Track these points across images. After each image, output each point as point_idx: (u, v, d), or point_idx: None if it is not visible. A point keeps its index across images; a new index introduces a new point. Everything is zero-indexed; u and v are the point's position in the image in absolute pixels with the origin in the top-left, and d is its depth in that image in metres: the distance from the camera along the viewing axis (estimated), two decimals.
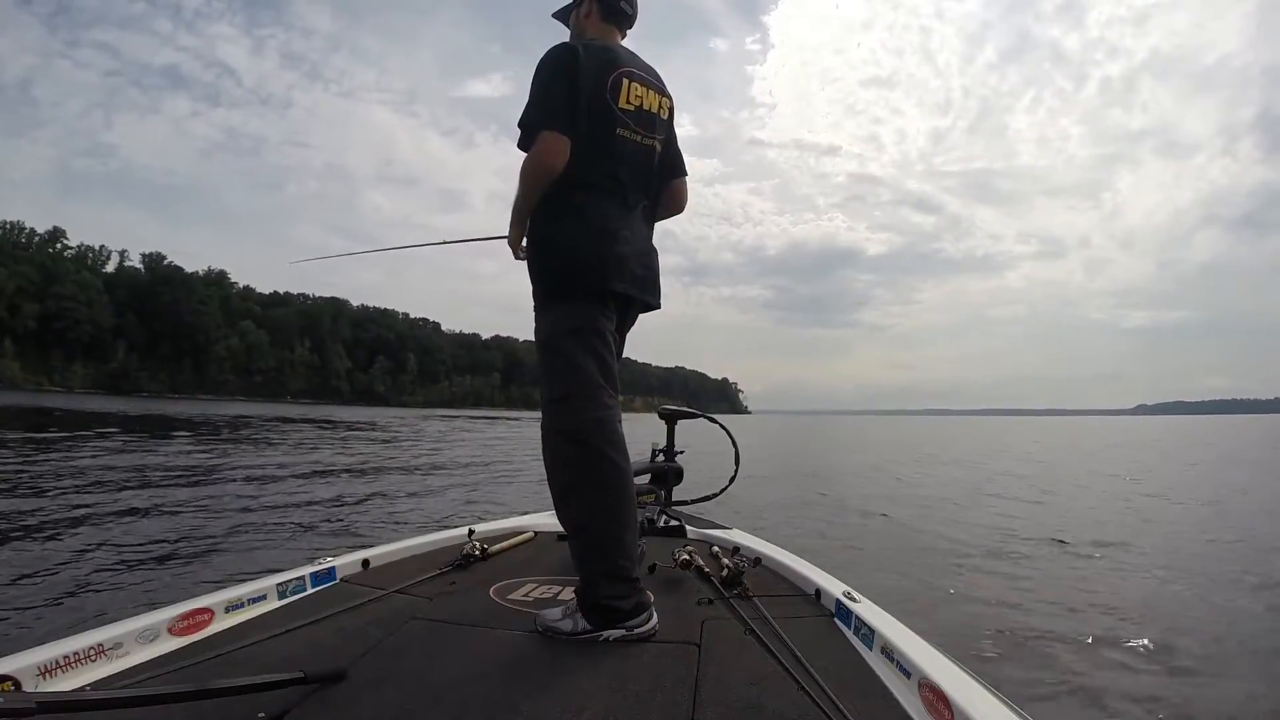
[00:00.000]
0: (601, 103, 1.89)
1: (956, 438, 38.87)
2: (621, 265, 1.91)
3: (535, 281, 1.96)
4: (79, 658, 1.52)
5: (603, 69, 1.90)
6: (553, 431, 1.87)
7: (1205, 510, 9.26)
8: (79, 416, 26.23)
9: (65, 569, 4.60)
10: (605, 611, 1.77)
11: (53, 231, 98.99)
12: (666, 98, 2.08)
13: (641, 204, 2.02)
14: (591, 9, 2.10)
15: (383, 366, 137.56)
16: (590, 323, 1.88)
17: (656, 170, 2.07)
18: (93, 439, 15.67)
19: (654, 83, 2.03)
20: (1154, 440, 35.29)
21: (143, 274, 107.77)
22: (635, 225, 2.00)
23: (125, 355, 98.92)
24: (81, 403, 44.50)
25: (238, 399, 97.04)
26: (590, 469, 1.83)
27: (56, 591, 4.13)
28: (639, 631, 1.78)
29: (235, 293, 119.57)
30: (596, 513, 1.82)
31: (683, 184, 2.22)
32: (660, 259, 2.12)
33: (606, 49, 1.97)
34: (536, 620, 1.85)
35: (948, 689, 1.34)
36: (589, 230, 1.90)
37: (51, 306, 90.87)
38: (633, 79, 1.95)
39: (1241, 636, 3.96)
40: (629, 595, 1.79)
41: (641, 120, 1.97)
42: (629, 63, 1.97)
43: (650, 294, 2.06)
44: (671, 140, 2.15)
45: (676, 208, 2.25)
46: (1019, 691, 3.09)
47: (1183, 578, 5.30)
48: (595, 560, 1.81)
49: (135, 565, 4.86)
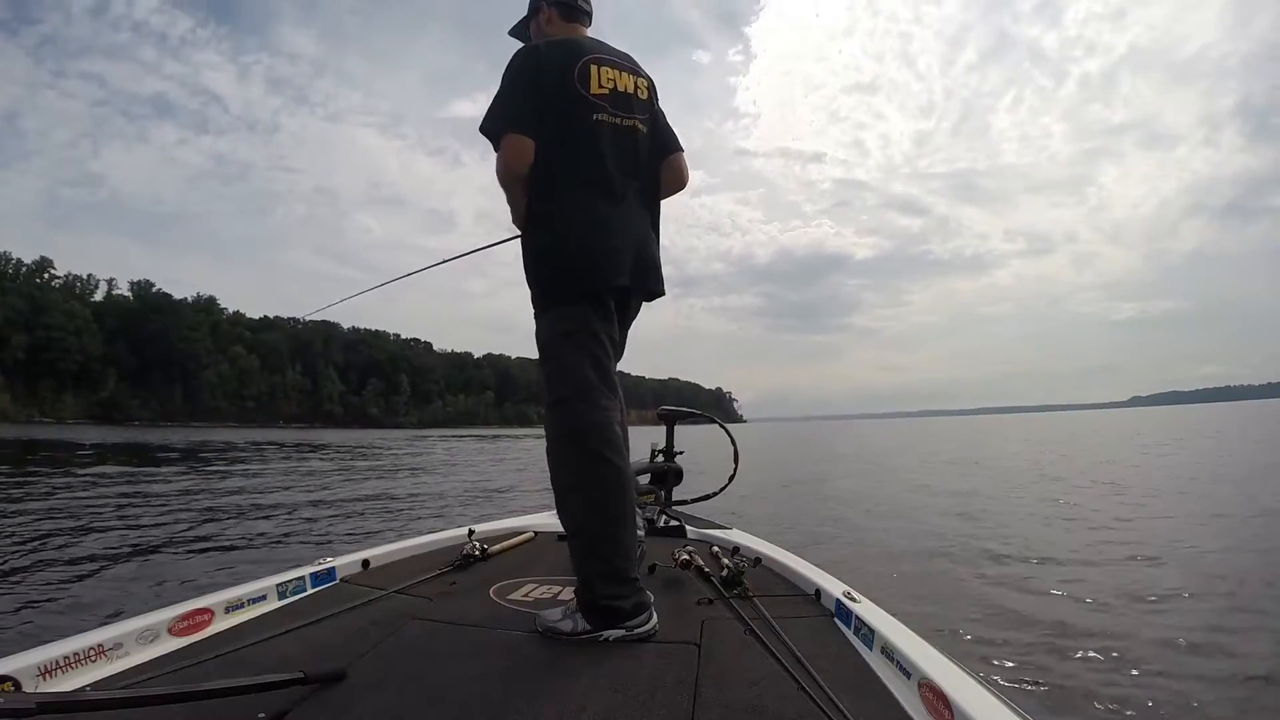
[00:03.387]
0: (572, 92, 1.90)
1: (952, 438, 38.86)
2: (613, 258, 1.92)
3: (530, 287, 1.97)
4: (79, 658, 1.52)
5: (567, 59, 1.92)
6: (553, 434, 1.88)
7: (1212, 504, 9.19)
8: (73, 448, 26.04)
9: (65, 570, 4.59)
10: (605, 612, 1.77)
11: (40, 261, 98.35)
12: (642, 78, 2.08)
13: (632, 188, 2.01)
14: (551, 14, 2.13)
15: (375, 388, 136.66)
16: (583, 325, 1.89)
17: (644, 151, 2.06)
18: (89, 465, 15.56)
19: (625, 64, 2.03)
20: (1146, 432, 35.36)
21: (131, 302, 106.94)
22: (627, 213, 1.99)
23: (116, 384, 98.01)
24: (75, 434, 44.15)
25: (230, 425, 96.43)
26: (588, 470, 1.84)
27: (56, 592, 4.12)
28: (639, 631, 1.78)
29: (225, 318, 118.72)
30: (594, 513, 1.83)
31: (680, 159, 2.21)
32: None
33: (568, 41, 2.00)
34: (536, 621, 1.85)
35: (948, 689, 1.34)
36: (574, 230, 1.90)
37: (40, 337, 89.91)
38: (601, 64, 1.96)
39: (1246, 637, 3.93)
40: (628, 595, 1.79)
41: (618, 102, 1.97)
42: (595, 49, 1.99)
43: (650, 281, 2.05)
44: (658, 117, 2.14)
45: (678, 183, 2.23)
46: (1019, 691, 3.12)
47: (1184, 577, 5.28)
48: (593, 560, 1.81)
49: (135, 566, 4.84)
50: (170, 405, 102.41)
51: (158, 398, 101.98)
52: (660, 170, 2.14)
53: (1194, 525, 7.45)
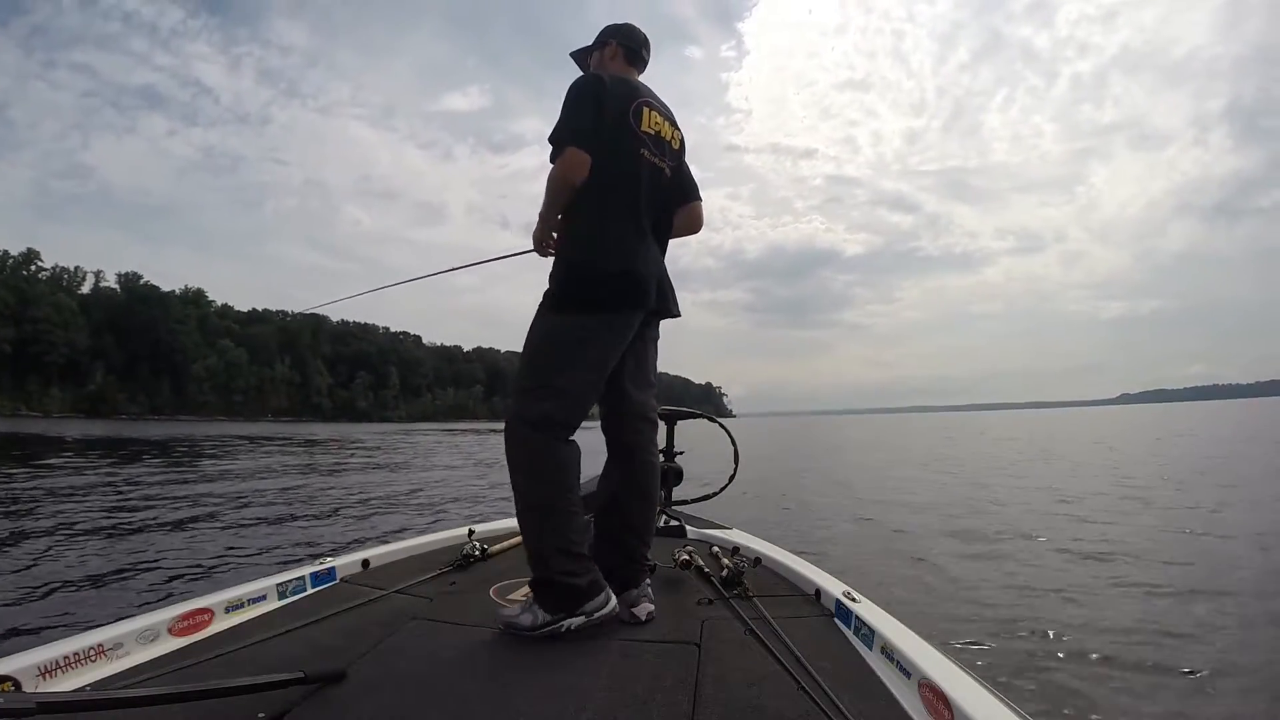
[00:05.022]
0: (626, 126, 2.05)
1: (945, 435, 39.06)
2: (643, 284, 2.04)
3: (555, 287, 2.03)
4: (79, 658, 1.52)
5: (627, 97, 2.08)
6: (517, 416, 1.94)
7: (1213, 504, 9.23)
8: (62, 444, 25.83)
9: (65, 571, 4.56)
10: (562, 591, 1.81)
11: (26, 253, 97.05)
12: (678, 130, 2.25)
13: (650, 222, 2.14)
14: (617, 53, 2.28)
15: (364, 382, 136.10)
16: (596, 339, 1.98)
17: (666, 192, 2.21)
18: (82, 458, 15.45)
19: (669, 115, 2.22)
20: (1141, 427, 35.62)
21: (119, 294, 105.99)
22: (649, 245, 2.13)
23: (103, 377, 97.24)
24: (61, 428, 43.81)
25: (218, 419, 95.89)
26: (547, 450, 1.91)
27: (56, 592, 4.09)
28: (599, 615, 1.83)
29: (213, 311, 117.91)
30: (549, 487, 1.89)
31: (698, 206, 2.39)
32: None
33: (628, 81, 2.17)
34: (496, 618, 1.87)
35: (948, 689, 1.35)
36: (614, 250, 2.02)
37: (27, 330, 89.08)
38: (652, 108, 2.13)
39: (1246, 635, 3.97)
40: (583, 573, 1.84)
41: (658, 145, 2.14)
42: (648, 95, 2.17)
43: (671, 304, 2.21)
44: (683, 167, 2.32)
45: (693, 228, 2.41)
46: (1019, 691, 3.13)
47: (1185, 576, 5.33)
48: (548, 534, 1.86)
49: (135, 566, 4.81)
50: (158, 399, 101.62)
51: (145, 391, 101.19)
52: (675, 214, 2.31)
53: (1205, 521, 7.54)
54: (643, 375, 2.19)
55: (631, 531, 2.10)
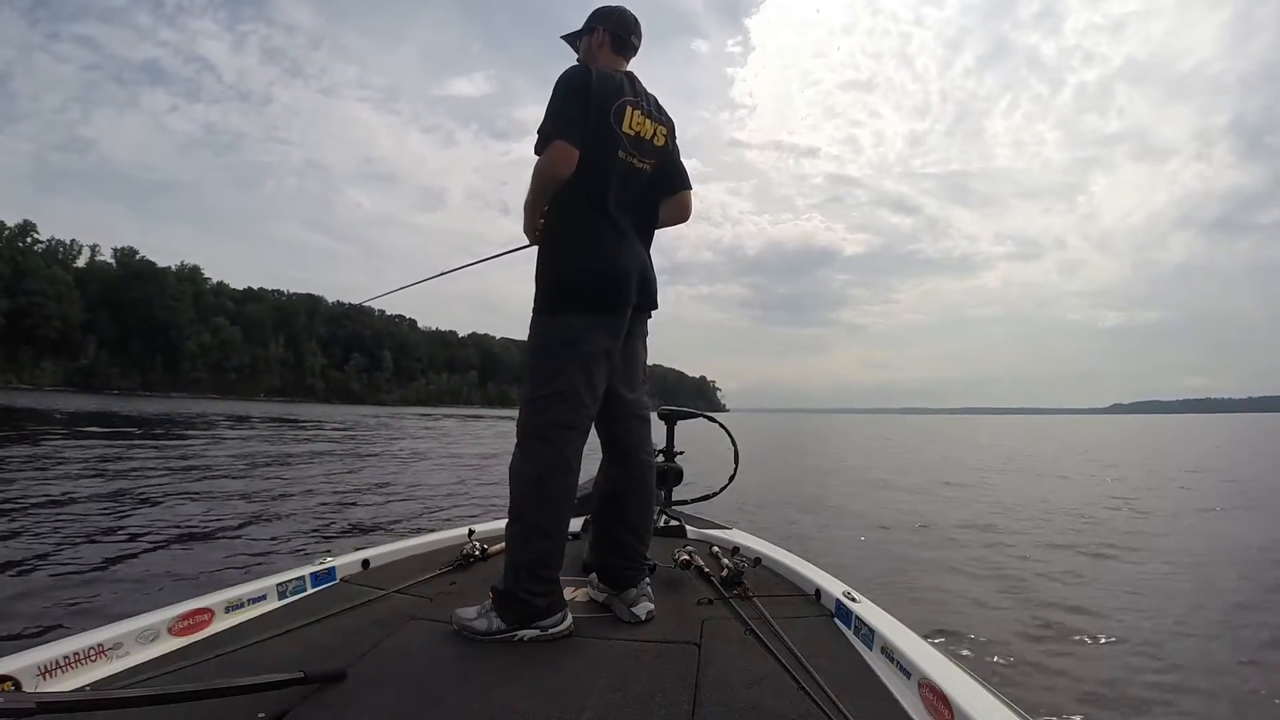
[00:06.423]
0: (606, 125, 2.03)
1: (942, 436, 39.21)
2: (624, 281, 2.05)
3: (540, 289, 2.05)
4: (79, 658, 1.51)
5: (610, 95, 2.05)
6: (525, 427, 1.95)
7: (1215, 509, 9.35)
8: (53, 417, 25.72)
9: (65, 571, 4.52)
10: (519, 605, 1.81)
11: (22, 225, 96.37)
12: (663, 125, 2.22)
13: (632, 221, 2.14)
14: (604, 40, 2.23)
15: (358, 364, 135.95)
16: (584, 337, 1.98)
17: (646, 192, 2.20)
18: (74, 439, 15.37)
19: (652, 112, 2.18)
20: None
21: (114, 269, 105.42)
22: (630, 242, 2.13)
23: (96, 352, 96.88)
24: (52, 401, 43.62)
25: (210, 396, 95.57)
26: (546, 465, 1.91)
27: (56, 592, 4.06)
28: (553, 632, 1.83)
29: (209, 288, 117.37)
30: (537, 505, 1.90)
31: (687, 195, 2.36)
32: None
33: (613, 77, 2.12)
34: (451, 619, 1.88)
35: (948, 689, 1.35)
36: (592, 250, 2.03)
37: (21, 302, 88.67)
38: (635, 108, 2.11)
39: (1246, 635, 4.00)
40: (545, 594, 1.84)
41: (638, 146, 2.12)
42: (631, 92, 2.13)
43: (652, 298, 2.20)
44: (672, 157, 2.28)
45: (680, 217, 2.39)
46: (1019, 691, 3.13)
47: (1186, 577, 5.37)
48: (522, 549, 1.87)
49: (135, 565, 4.78)
50: (150, 374, 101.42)
51: (138, 367, 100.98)
52: (660, 205, 2.29)
53: (1205, 521, 7.65)
54: (633, 374, 2.19)
55: (629, 530, 2.10)
